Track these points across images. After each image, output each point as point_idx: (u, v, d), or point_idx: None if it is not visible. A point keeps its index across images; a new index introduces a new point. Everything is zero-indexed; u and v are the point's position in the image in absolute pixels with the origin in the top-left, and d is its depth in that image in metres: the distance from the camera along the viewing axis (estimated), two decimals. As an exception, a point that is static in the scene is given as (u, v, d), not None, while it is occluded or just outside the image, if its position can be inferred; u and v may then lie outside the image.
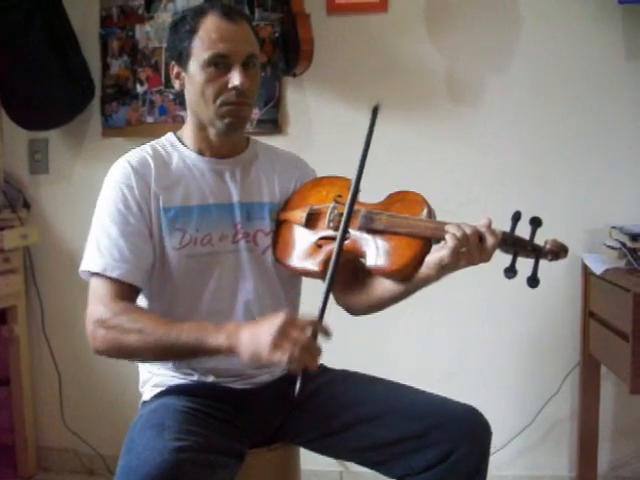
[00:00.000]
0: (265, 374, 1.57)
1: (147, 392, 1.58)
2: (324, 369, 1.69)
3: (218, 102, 1.49)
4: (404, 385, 1.57)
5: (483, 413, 1.48)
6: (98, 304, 1.44)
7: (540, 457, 2.54)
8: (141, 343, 1.37)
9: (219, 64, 1.48)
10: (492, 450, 1.47)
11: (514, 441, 2.50)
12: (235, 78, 1.48)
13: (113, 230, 1.47)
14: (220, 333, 1.33)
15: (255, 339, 1.28)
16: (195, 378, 1.54)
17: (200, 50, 1.48)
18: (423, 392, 1.54)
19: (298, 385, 1.28)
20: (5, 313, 2.69)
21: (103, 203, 1.51)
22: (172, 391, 1.52)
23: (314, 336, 1.29)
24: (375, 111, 1.44)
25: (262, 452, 1.56)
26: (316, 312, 1.33)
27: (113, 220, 1.48)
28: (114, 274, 1.44)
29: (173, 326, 1.37)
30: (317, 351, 1.29)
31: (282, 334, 1.26)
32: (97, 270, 1.45)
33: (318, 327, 1.30)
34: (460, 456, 1.40)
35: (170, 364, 1.55)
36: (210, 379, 1.54)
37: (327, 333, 1.31)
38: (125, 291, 1.45)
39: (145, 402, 1.57)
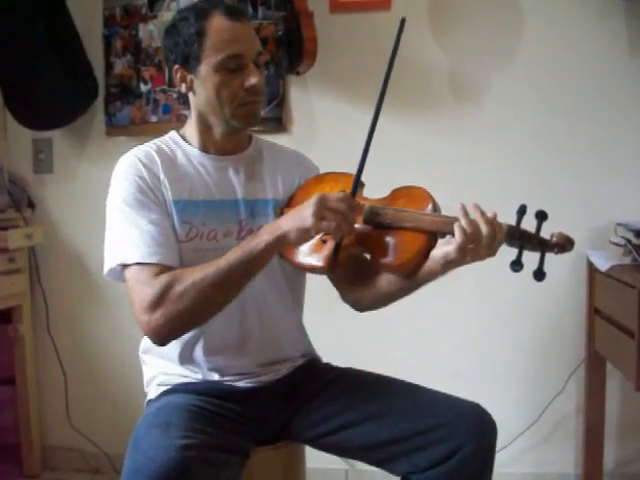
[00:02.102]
0: (270, 373, 1.57)
1: (152, 391, 1.58)
2: (329, 367, 1.69)
3: (235, 103, 1.50)
4: (409, 383, 1.57)
5: (488, 411, 1.47)
6: (143, 290, 1.39)
7: (546, 454, 2.54)
8: (199, 295, 1.35)
9: (233, 65, 1.48)
10: (497, 448, 1.47)
11: (520, 439, 2.50)
12: (252, 78, 1.49)
13: (138, 219, 1.45)
14: (261, 235, 1.38)
15: (297, 217, 1.36)
16: (200, 376, 1.54)
17: (212, 52, 1.47)
18: (428, 390, 1.54)
19: (332, 254, 1.40)
20: (10, 313, 2.69)
21: (118, 197, 1.48)
22: (177, 390, 1.52)
23: (352, 210, 1.37)
24: (402, 23, 1.53)
25: (267, 450, 1.56)
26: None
27: (135, 210, 1.46)
28: (154, 260, 1.41)
29: (218, 260, 1.38)
30: (353, 222, 1.38)
31: (324, 205, 1.34)
32: (136, 260, 1.41)
33: (352, 201, 1.38)
34: (466, 454, 1.39)
35: (175, 359, 1.55)
36: (215, 377, 1.54)
37: (360, 207, 1.41)
38: (164, 272, 1.41)
39: (150, 401, 1.57)
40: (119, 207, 1.47)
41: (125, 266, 1.43)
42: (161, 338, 1.40)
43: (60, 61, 2.56)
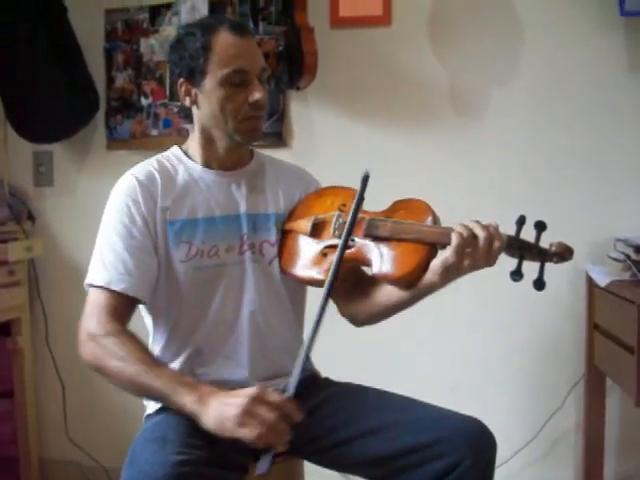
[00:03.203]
0: (269, 387, 1.56)
1: (151, 405, 1.58)
2: (328, 382, 1.69)
3: (239, 118, 1.52)
4: (408, 398, 1.57)
5: (487, 426, 1.47)
6: (93, 318, 1.45)
7: (545, 470, 2.52)
8: (119, 370, 1.39)
9: (238, 80, 1.50)
10: (497, 463, 1.47)
11: (519, 454, 2.48)
12: (256, 93, 1.51)
13: (118, 244, 1.48)
14: (192, 394, 1.32)
15: (223, 411, 1.27)
16: (198, 391, 1.54)
17: (217, 67, 1.49)
18: (427, 405, 1.54)
19: (262, 461, 1.26)
20: (9, 325, 2.68)
21: (108, 217, 1.53)
22: (175, 404, 1.52)
23: (284, 417, 1.27)
24: (365, 180, 1.45)
25: (266, 465, 1.55)
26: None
27: (118, 234, 1.49)
28: (118, 288, 1.45)
29: (154, 368, 1.38)
30: (284, 433, 1.27)
31: (250, 411, 1.25)
32: (101, 284, 1.46)
33: (288, 408, 1.29)
34: (465, 469, 1.39)
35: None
36: (214, 392, 1.53)
37: (297, 416, 1.30)
38: (127, 304, 1.47)
39: (149, 415, 1.57)
40: (105, 227, 1.53)
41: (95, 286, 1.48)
42: (84, 360, 1.46)
43: (61, 74, 2.57)
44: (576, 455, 2.49)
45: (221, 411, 1.28)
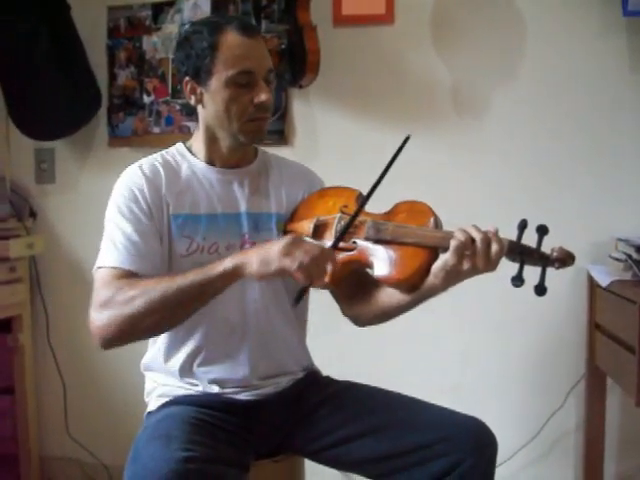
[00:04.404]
0: (270, 386, 1.57)
1: (152, 402, 1.58)
2: (329, 380, 1.69)
3: (244, 119, 1.51)
4: (409, 397, 1.57)
5: (488, 426, 1.47)
6: (100, 290, 1.41)
7: (545, 470, 2.52)
8: (147, 304, 1.34)
9: (244, 80, 1.49)
10: (497, 462, 1.47)
11: (519, 454, 2.49)
12: (262, 94, 1.50)
13: (127, 228, 1.47)
14: (224, 260, 1.35)
15: (265, 250, 1.33)
16: (200, 389, 1.54)
17: (224, 67, 1.48)
18: (428, 404, 1.54)
19: (297, 295, 1.37)
20: (10, 322, 2.69)
21: (116, 204, 1.51)
22: (177, 401, 1.52)
23: (326, 257, 1.33)
24: (405, 141, 1.48)
25: (267, 464, 1.56)
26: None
27: (127, 219, 1.48)
28: (131, 267, 1.43)
29: (174, 275, 1.38)
30: (325, 268, 1.32)
31: (294, 243, 1.32)
32: (114, 264, 1.43)
33: (330, 252, 1.36)
34: (466, 469, 1.39)
35: (176, 372, 1.55)
36: (215, 390, 1.54)
37: (335, 264, 1.35)
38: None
39: (150, 412, 1.57)
40: (112, 214, 1.51)
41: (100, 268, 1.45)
42: (104, 340, 1.39)
43: (63, 71, 2.57)
44: (576, 454, 2.49)
45: (264, 250, 1.33)
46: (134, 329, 1.37)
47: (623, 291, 2.02)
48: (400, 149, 1.46)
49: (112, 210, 1.51)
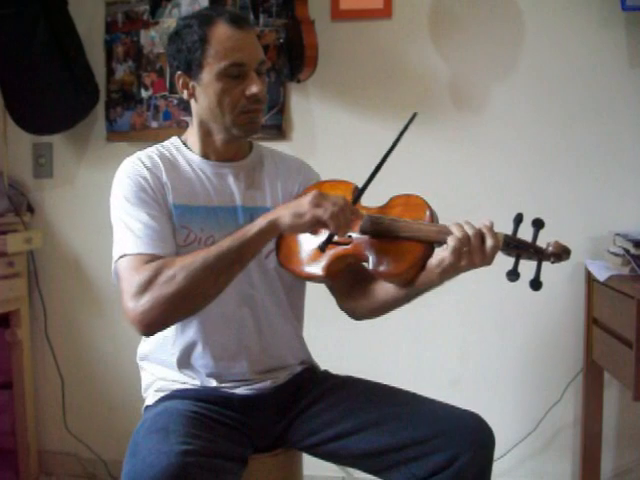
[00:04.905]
0: (268, 380, 1.57)
1: (150, 396, 1.58)
2: (327, 375, 1.69)
3: (236, 111, 1.50)
4: (407, 392, 1.57)
5: (486, 420, 1.47)
6: (132, 276, 1.37)
7: (543, 464, 2.53)
8: (190, 277, 1.34)
9: (235, 73, 1.48)
10: (495, 457, 1.47)
11: (517, 448, 2.49)
12: (253, 86, 1.49)
13: (142, 215, 1.45)
14: (256, 221, 1.40)
15: (293, 204, 1.40)
16: (198, 383, 1.54)
17: (214, 60, 1.48)
18: (426, 399, 1.54)
19: (325, 239, 1.41)
20: (8, 317, 2.68)
21: (120, 195, 1.49)
22: (175, 395, 1.52)
23: (351, 208, 1.40)
24: (412, 118, 1.50)
25: (265, 457, 1.56)
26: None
27: (139, 207, 1.47)
28: (155, 252, 1.41)
29: (207, 247, 1.41)
30: (351, 218, 1.40)
31: (323, 195, 1.38)
32: (138, 251, 1.41)
33: (348, 202, 1.40)
34: (463, 463, 1.39)
35: (174, 365, 1.55)
36: (213, 384, 1.54)
37: (360, 216, 1.44)
38: None
39: (148, 407, 1.57)
40: (122, 204, 1.48)
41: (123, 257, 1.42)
42: (148, 325, 1.37)
43: (61, 66, 2.56)
44: (574, 448, 2.50)
45: (295, 203, 1.40)
46: (179, 308, 1.37)
47: (621, 286, 2.03)
48: (406, 127, 1.49)
49: (120, 201, 1.49)
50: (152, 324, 1.37)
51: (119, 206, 1.49)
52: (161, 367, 1.58)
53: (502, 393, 2.53)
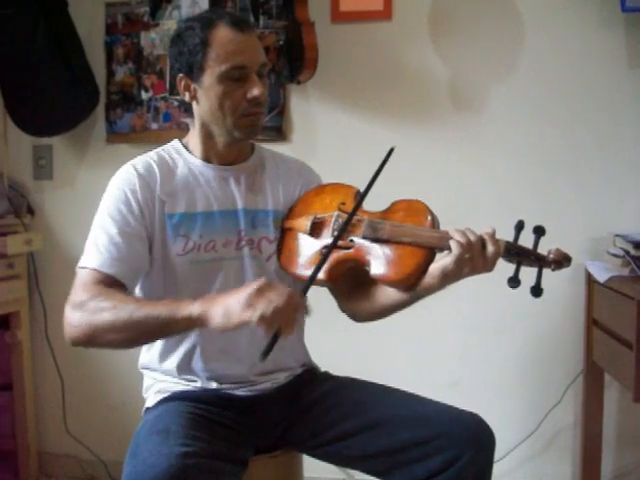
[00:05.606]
0: (268, 381, 1.57)
1: (151, 398, 1.58)
2: (327, 376, 1.69)
3: (238, 114, 1.51)
4: (408, 393, 1.57)
5: (486, 421, 1.47)
6: (79, 291, 1.42)
7: (543, 465, 2.53)
8: (113, 319, 1.34)
9: (236, 75, 1.48)
10: (495, 458, 1.47)
11: (517, 449, 2.49)
12: (255, 89, 1.49)
13: (112, 229, 1.48)
14: (196, 302, 1.32)
15: (229, 300, 1.28)
16: (199, 384, 1.54)
17: (216, 62, 1.48)
18: (427, 400, 1.54)
19: (265, 348, 1.27)
20: (8, 318, 2.69)
21: (105, 203, 1.52)
22: (176, 397, 1.53)
23: (292, 306, 1.26)
24: (390, 152, 1.45)
25: (265, 459, 1.56)
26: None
27: (113, 219, 1.49)
28: (110, 271, 1.44)
29: (147, 301, 1.39)
30: (292, 318, 1.27)
31: (258, 293, 1.26)
32: (94, 267, 1.44)
33: (297, 299, 1.28)
34: (464, 464, 1.39)
35: (174, 370, 1.55)
36: (213, 385, 1.54)
37: (307, 310, 1.32)
38: (114, 286, 1.43)
39: (149, 408, 1.57)
40: (101, 213, 1.52)
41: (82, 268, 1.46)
42: (71, 339, 1.41)
43: (61, 68, 2.57)
44: (574, 450, 2.50)
45: (228, 300, 1.28)
46: (97, 339, 1.39)
47: (621, 287, 2.03)
48: (384, 161, 1.44)
49: (101, 210, 1.52)
50: (74, 340, 1.41)
51: (98, 215, 1.52)
52: (162, 373, 1.58)
53: (502, 395, 2.53)
